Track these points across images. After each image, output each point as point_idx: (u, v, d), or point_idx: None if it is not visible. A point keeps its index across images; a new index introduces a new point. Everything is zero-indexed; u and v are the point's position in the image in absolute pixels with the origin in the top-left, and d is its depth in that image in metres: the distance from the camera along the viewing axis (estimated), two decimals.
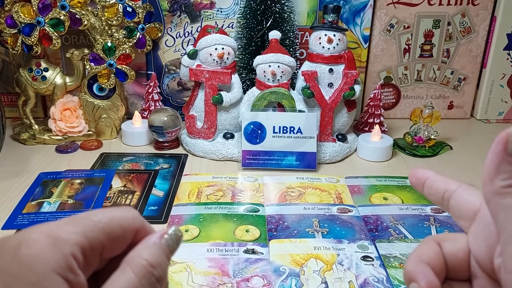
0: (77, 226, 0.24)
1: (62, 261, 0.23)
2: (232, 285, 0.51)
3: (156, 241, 0.26)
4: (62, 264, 0.23)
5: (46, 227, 0.24)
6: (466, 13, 0.95)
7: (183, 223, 0.62)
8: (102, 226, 0.25)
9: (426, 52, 0.99)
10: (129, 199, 0.69)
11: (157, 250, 0.26)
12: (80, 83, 0.86)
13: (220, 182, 0.73)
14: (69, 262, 0.23)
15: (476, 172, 0.79)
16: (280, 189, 0.72)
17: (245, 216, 0.64)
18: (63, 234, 0.24)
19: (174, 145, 0.86)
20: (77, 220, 0.25)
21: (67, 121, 0.86)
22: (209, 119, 0.81)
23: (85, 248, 0.24)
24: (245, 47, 0.86)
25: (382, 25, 0.95)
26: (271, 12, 0.83)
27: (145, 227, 0.27)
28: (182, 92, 0.97)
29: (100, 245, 0.25)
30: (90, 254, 0.24)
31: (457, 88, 1.02)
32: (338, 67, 0.80)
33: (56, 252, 0.23)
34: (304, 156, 0.77)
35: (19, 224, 0.62)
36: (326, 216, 0.65)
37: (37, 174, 0.75)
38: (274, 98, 0.78)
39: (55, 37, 0.79)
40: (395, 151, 0.86)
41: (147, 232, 0.27)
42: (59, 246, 0.23)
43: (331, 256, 0.56)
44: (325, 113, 0.81)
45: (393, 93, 1.02)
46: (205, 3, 0.90)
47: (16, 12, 0.77)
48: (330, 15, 0.80)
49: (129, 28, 0.86)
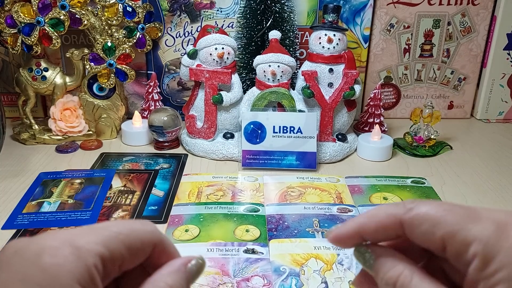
0: (98, 236, 0.24)
1: (86, 272, 0.23)
2: (232, 285, 0.51)
3: (181, 268, 0.27)
4: (85, 276, 0.23)
5: (67, 235, 0.24)
6: (466, 13, 0.95)
7: (183, 223, 0.62)
8: (122, 238, 0.25)
9: (426, 52, 0.99)
10: (129, 199, 0.69)
11: (180, 277, 0.27)
12: (80, 83, 0.86)
13: (220, 182, 0.73)
14: (92, 274, 0.23)
15: (476, 171, 0.79)
16: (280, 189, 0.72)
17: (245, 216, 0.64)
18: (85, 244, 0.24)
19: (174, 145, 0.86)
20: (98, 230, 0.25)
21: (67, 121, 0.86)
22: (209, 119, 0.81)
23: (105, 259, 0.24)
24: (245, 47, 0.86)
25: (382, 24, 0.95)
26: (271, 12, 0.83)
27: (163, 242, 0.28)
28: (182, 92, 0.97)
29: (120, 257, 0.25)
30: (110, 265, 0.25)
31: (457, 88, 1.02)
32: (338, 67, 0.80)
33: (80, 263, 0.23)
34: (304, 156, 0.77)
35: (19, 224, 0.62)
36: (326, 216, 0.65)
37: (37, 174, 0.75)
38: (274, 98, 0.78)
39: (55, 37, 0.79)
40: (395, 151, 0.86)
41: (165, 247, 0.28)
42: (82, 256, 0.23)
43: (331, 256, 0.56)
44: (325, 113, 0.81)
45: (393, 93, 1.02)
46: (205, 3, 0.90)
47: (16, 12, 0.77)
48: (330, 15, 0.80)
49: (129, 28, 0.86)
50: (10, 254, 0.23)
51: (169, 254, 0.28)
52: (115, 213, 0.65)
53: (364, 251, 0.28)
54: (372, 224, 0.27)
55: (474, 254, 0.23)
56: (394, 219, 0.26)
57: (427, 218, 0.25)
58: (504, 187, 0.74)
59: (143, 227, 0.27)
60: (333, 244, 0.28)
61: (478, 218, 0.24)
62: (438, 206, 0.25)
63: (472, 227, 0.24)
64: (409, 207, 0.26)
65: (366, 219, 0.27)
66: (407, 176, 0.76)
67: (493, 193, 0.72)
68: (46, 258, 0.22)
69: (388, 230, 0.27)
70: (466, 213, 0.24)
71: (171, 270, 0.27)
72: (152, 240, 0.27)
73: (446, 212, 0.25)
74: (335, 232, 0.28)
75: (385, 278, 0.26)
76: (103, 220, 0.63)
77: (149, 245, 0.27)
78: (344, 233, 0.28)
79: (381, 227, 0.27)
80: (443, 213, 0.25)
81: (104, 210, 0.65)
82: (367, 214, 0.28)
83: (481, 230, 0.23)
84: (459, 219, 0.24)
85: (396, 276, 0.26)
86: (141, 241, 0.26)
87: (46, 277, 0.22)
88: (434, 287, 0.25)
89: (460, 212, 0.25)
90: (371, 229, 0.27)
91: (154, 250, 0.27)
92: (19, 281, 0.22)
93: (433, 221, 0.25)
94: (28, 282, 0.22)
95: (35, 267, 0.22)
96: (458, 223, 0.24)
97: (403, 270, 0.26)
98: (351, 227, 0.28)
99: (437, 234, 0.25)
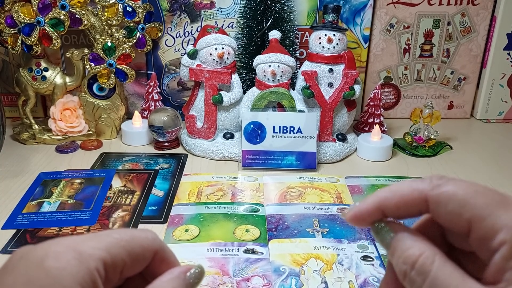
0: (100, 242, 0.25)
1: (87, 276, 0.23)
2: (232, 285, 0.51)
3: (181, 275, 0.27)
4: (87, 279, 0.23)
5: (71, 241, 0.25)
6: (466, 13, 0.95)
7: (183, 223, 0.62)
8: (124, 244, 0.26)
9: (426, 52, 0.99)
10: (129, 198, 0.69)
11: (180, 284, 0.27)
12: (80, 83, 0.86)
13: (220, 182, 0.73)
14: (94, 278, 0.24)
15: (476, 171, 0.79)
16: (280, 189, 0.72)
17: (245, 216, 0.64)
18: (88, 249, 0.24)
19: (174, 145, 0.86)
20: (100, 237, 0.26)
21: (67, 121, 0.86)
22: (209, 119, 0.81)
23: (107, 264, 0.25)
24: (245, 47, 0.86)
25: (382, 24, 0.95)
26: (271, 12, 0.83)
27: (163, 249, 0.28)
28: (182, 92, 0.97)
29: (122, 263, 0.26)
30: (111, 270, 0.25)
31: (457, 88, 1.02)
32: (338, 67, 0.80)
33: (82, 267, 0.23)
34: (304, 156, 0.77)
35: (19, 224, 0.62)
36: (326, 216, 0.65)
37: (37, 174, 0.75)
38: (274, 98, 0.78)
39: (55, 37, 0.79)
40: (395, 151, 0.86)
41: (166, 255, 0.28)
42: (84, 260, 0.24)
43: (331, 256, 0.56)
44: (325, 113, 0.81)
45: (393, 93, 1.02)
46: (205, 3, 0.90)
47: (16, 12, 0.77)
48: (330, 15, 0.80)
49: (129, 28, 0.86)
50: (16, 259, 0.24)
51: (169, 263, 0.28)
52: (115, 213, 0.65)
53: (382, 227, 0.26)
54: (395, 198, 0.25)
55: (502, 241, 0.22)
56: (419, 195, 0.25)
57: (455, 197, 0.24)
58: (504, 187, 0.74)
59: (144, 234, 0.27)
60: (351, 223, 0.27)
61: (510, 206, 0.23)
62: (468, 186, 0.24)
63: (502, 213, 0.23)
64: (437, 183, 0.25)
65: (389, 193, 0.26)
66: (407, 176, 0.76)
67: None
68: (50, 262, 0.23)
69: (411, 206, 0.25)
70: (498, 199, 0.23)
71: (171, 277, 0.27)
72: (153, 247, 0.27)
73: (477, 194, 0.23)
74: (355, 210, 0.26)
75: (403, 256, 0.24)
76: (103, 220, 0.63)
77: (150, 252, 0.27)
78: (365, 210, 0.26)
79: (404, 202, 0.25)
80: (474, 194, 0.23)
81: (104, 210, 0.65)
82: (390, 188, 0.26)
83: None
84: (489, 203, 0.23)
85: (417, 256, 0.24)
86: (142, 248, 0.27)
87: (49, 280, 0.22)
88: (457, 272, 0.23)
89: (492, 196, 0.23)
90: (393, 203, 0.26)
91: (155, 257, 0.28)
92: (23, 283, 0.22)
93: (461, 201, 0.23)
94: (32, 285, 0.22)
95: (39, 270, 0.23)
96: (488, 208, 0.23)
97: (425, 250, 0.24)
98: (372, 202, 0.26)
99: (464, 216, 0.23)
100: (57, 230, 0.61)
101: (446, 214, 0.24)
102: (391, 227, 0.26)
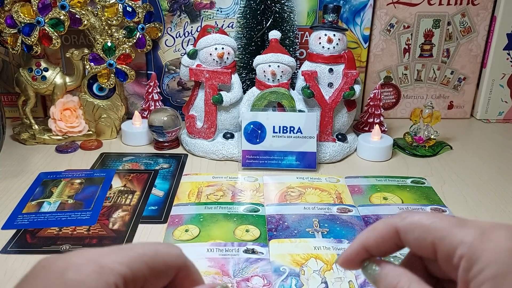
0: (123, 257, 0.25)
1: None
2: (232, 285, 0.51)
3: None
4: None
5: (93, 254, 0.25)
6: (466, 13, 0.95)
7: (183, 223, 0.62)
8: (146, 259, 0.26)
9: (426, 52, 0.99)
10: (129, 199, 0.69)
11: None
12: (80, 83, 0.86)
13: (220, 182, 0.73)
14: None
15: (476, 171, 0.79)
16: (280, 189, 0.72)
17: (245, 216, 0.64)
18: (109, 263, 0.24)
19: (174, 145, 0.86)
20: (123, 251, 0.25)
21: (67, 121, 0.86)
22: (209, 119, 0.81)
23: (127, 279, 0.24)
24: (245, 47, 0.86)
25: (382, 25, 0.95)
26: (271, 12, 0.83)
27: (188, 267, 0.28)
28: (182, 92, 0.97)
29: (143, 278, 0.25)
30: (131, 285, 0.25)
31: (457, 88, 1.02)
32: (338, 67, 0.80)
33: (101, 281, 0.23)
34: (304, 156, 0.77)
35: (19, 224, 0.62)
36: (326, 216, 0.65)
37: (37, 174, 0.75)
38: (274, 98, 0.78)
39: (55, 37, 0.79)
40: (395, 151, 0.86)
41: (190, 271, 0.28)
42: (104, 274, 0.24)
43: (331, 256, 0.56)
44: (325, 113, 0.81)
45: (393, 93, 1.02)
46: (205, 3, 0.90)
47: (16, 12, 0.77)
48: (330, 15, 0.80)
49: (129, 28, 0.86)
50: (38, 269, 0.24)
51: (193, 281, 0.28)
52: (115, 213, 0.65)
53: (368, 264, 0.29)
54: (374, 235, 0.29)
55: (461, 256, 0.25)
56: (391, 228, 0.28)
57: (419, 225, 0.27)
58: (504, 187, 0.74)
59: (168, 250, 0.27)
60: (343, 267, 0.30)
61: (464, 225, 0.26)
62: (429, 215, 0.28)
63: (458, 231, 0.26)
64: (405, 216, 0.28)
65: (368, 232, 0.29)
66: (407, 176, 0.76)
67: (493, 193, 0.72)
68: (70, 274, 0.23)
69: (388, 240, 0.28)
70: (455, 221, 0.27)
71: None
72: (176, 264, 0.27)
73: (437, 220, 0.27)
74: (343, 255, 0.30)
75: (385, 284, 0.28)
76: (103, 220, 0.63)
77: (173, 268, 0.27)
78: (352, 252, 0.29)
79: (381, 237, 0.28)
80: (434, 220, 0.27)
81: (104, 210, 0.65)
82: (369, 227, 0.29)
83: (466, 234, 0.25)
84: (447, 226, 0.26)
85: (395, 284, 0.27)
86: (165, 264, 0.26)
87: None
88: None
89: (450, 220, 0.27)
90: (373, 240, 0.29)
91: (178, 274, 0.27)
92: None
93: (424, 227, 0.27)
94: None
95: (58, 282, 0.23)
96: (445, 229, 0.26)
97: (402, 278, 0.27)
98: (356, 244, 0.29)
99: (428, 239, 0.27)
100: (57, 230, 0.61)
101: (414, 240, 0.27)
102: (377, 263, 0.29)
